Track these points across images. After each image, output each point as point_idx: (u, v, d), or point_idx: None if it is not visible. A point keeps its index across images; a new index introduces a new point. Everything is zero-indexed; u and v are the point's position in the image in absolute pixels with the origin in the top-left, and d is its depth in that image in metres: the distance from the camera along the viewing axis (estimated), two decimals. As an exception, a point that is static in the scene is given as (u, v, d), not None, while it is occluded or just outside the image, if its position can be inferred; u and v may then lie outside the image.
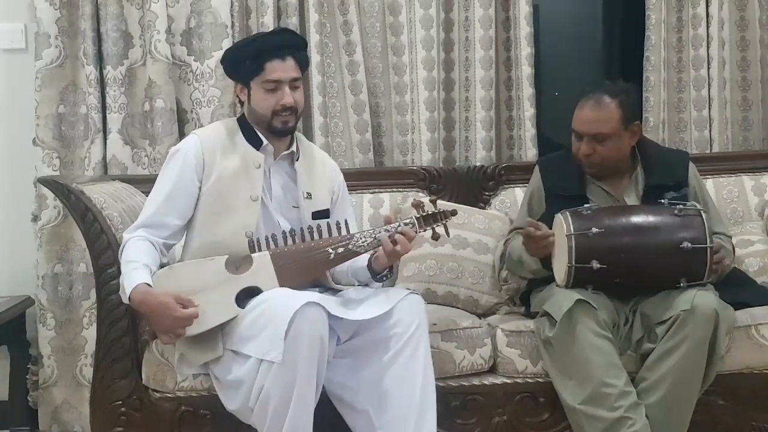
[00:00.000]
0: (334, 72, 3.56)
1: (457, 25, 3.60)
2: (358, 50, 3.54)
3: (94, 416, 2.76)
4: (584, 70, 3.92)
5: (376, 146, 3.61)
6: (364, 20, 3.58)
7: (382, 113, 3.62)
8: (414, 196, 3.22)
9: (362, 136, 3.56)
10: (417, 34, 3.53)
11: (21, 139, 3.54)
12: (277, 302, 2.43)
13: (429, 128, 3.54)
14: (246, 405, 2.45)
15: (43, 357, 3.49)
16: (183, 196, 2.67)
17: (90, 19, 3.43)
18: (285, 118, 2.67)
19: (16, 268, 3.60)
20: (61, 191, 2.86)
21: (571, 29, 3.92)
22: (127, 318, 2.73)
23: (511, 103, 3.67)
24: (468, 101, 3.62)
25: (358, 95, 3.55)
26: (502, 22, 3.63)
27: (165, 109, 3.44)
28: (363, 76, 3.54)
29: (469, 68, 3.60)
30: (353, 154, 3.56)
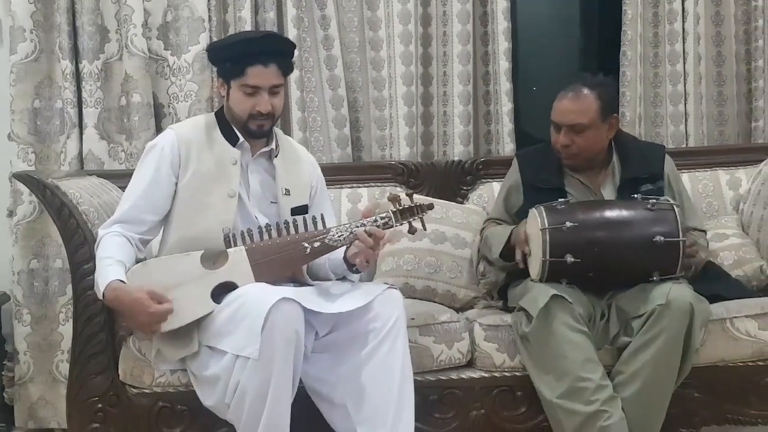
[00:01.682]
0: (312, 67, 3.56)
1: (434, 20, 3.60)
2: (336, 45, 3.53)
3: (71, 412, 2.75)
4: (562, 65, 3.93)
5: (354, 141, 3.61)
6: (342, 15, 3.57)
7: (360, 108, 3.62)
8: (392, 191, 3.22)
9: (340, 130, 3.56)
10: (395, 29, 3.52)
11: (-4, 134, 3.52)
12: (252, 298, 2.43)
13: (407, 123, 3.54)
14: (222, 401, 2.45)
15: (18, 353, 3.47)
16: (159, 192, 2.66)
17: (65, 12, 3.41)
18: (260, 123, 2.66)
19: (-9, 264, 3.58)
20: (36, 186, 2.83)
21: (548, 24, 3.93)
22: (104, 314, 2.71)
23: (489, 98, 3.68)
24: (446, 96, 3.62)
25: (336, 90, 3.55)
26: (480, 16, 3.64)
27: (142, 103, 3.42)
28: (341, 71, 3.54)
29: (447, 63, 3.60)
30: (331, 149, 3.56)
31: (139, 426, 2.70)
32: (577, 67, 3.91)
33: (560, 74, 3.80)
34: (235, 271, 2.54)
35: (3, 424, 3.52)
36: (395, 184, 3.41)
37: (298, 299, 2.41)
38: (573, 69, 3.90)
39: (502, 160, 3.41)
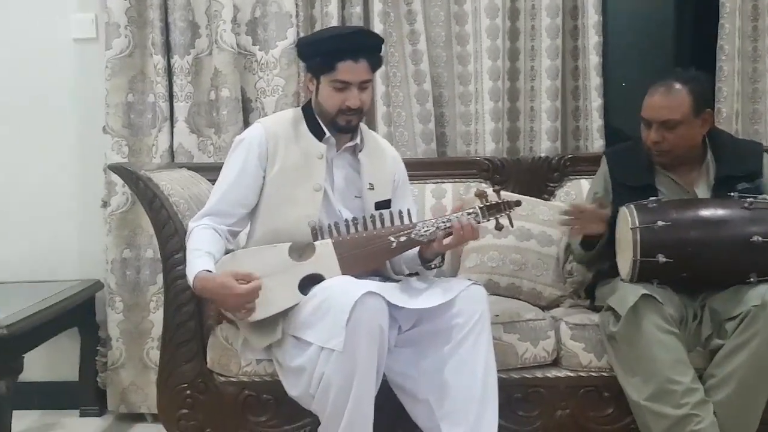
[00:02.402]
0: (397, 61, 3.56)
1: (523, 14, 3.56)
2: (422, 39, 3.53)
3: (161, 398, 2.81)
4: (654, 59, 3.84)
5: (439, 136, 3.59)
6: (429, 9, 3.56)
7: (445, 103, 3.61)
8: (477, 187, 3.20)
9: (425, 126, 3.55)
10: (482, 23, 3.50)
11: (91, 127, 3.60)
12: (338, 290, 2.44)
13: (493, 118, 3.51)
14: (307, 392, 2.47)
15: (111, 339, 3.57)
16: (247, 185, 2.70)
17: (158, 9, 3.47)
18: (349, 118, 2.68)
19: (87, 253, 3.68)
20: (130, 178, 2.90)
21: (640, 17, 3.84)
22: (193, 303, 2.76)
23: (577, 93, 3.62)
24: (533, 91, 3.58)
25: (422, 85, 3.54)
26: (570, 10, 3.58)
27: (230, 98, 3.47)
28: (427, 66, 3.53)
29: (534, 58, 3.56)
30: (416, 144, 3.56)
31: (226, 413, 2.75)
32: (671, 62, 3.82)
33: (651, 69, 3.72)
34: (322, 264, 2.56)
35: (96, 408, 3.63)
36: (480, 180, 3.39)
37: (383, 293, 2.42)
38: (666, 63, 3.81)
39: (591, 156, 3.36)
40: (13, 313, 2.97)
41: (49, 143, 3.68)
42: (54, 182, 3.70)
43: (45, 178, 3.69)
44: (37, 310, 3.07)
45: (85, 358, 3.61)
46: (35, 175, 3.69)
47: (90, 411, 3.63)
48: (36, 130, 3.68)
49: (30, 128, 3.68)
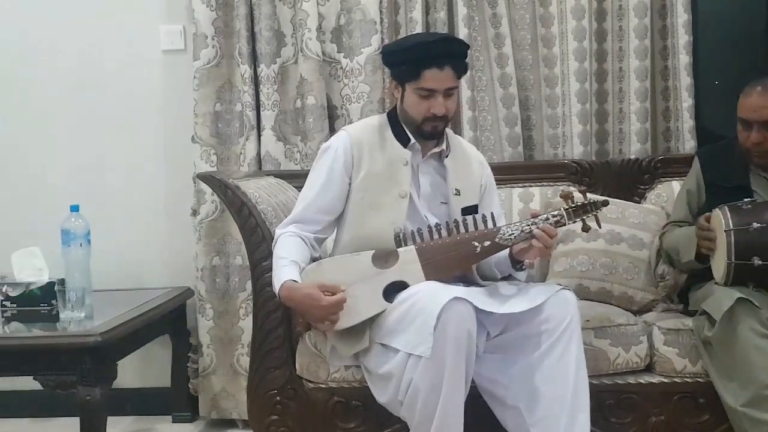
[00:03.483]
0: (482, 65, 3.54)
1: (610, 15, 3.50)
2: (507, 42, 3.49)
3: (251, 404, 2.84)
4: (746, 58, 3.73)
5: (525, 140, 3.56)
6: (514, 12, 3.53)
7: (531, 106, 3.57)
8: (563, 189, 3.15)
9: (511, 129, 3.52)
10: (568, 25, 3.45)
11: (181, 137, 3.67)
12: (424, 297, 2.43)
13: (581, 121, 3.46)
14: (395, 398, 2.47)
15: (202, 346, 3.62)
16: (333, 192, 2.71)
17: (244, 19, 3.52)
18: (434, 124, 2.66)
19: (177, 261, 3.74)
20: (218, 186, 2.94)
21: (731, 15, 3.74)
22: (282, 310, 2.78)
23: (667, 94, 3.54)
24: (622, 92, 3.51)
25: (507, 88, 3.51)
26: (658, 9, 3.51)
27: (316, 105, 3.50)
28: (512, 69, 3.50)
29: (623, 59, 3.50)
30: (502, 148, 3.53)
31: (316, 420, 2.76)
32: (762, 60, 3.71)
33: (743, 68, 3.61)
34: (406, 271, 2.55)
35: (188, 414, 3.68)
36: (568, 183, 3.34)
37: (470, 299, 2.40)
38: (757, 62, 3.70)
39: (682, 158, 3.29)
40: (107, 320, 3.03)
41: (141, 153, 3.77)
42: (145, 191, 3.78)
43: (136, 187, 3.77)
44: (130, 318, 3.12)
45: (177, 364, 3.67)
46: (127, 185, 3.78)
47: (182, 417, 3.68)
48: (127, 140, 3.77)
49: (122, 139, 3.77)
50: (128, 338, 3.08)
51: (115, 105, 3.77)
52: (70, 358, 2.86)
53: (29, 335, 3.08)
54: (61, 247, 3.28)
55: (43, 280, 3.27)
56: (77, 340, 2.88)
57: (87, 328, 2.97)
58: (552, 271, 3.13)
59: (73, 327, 3.01)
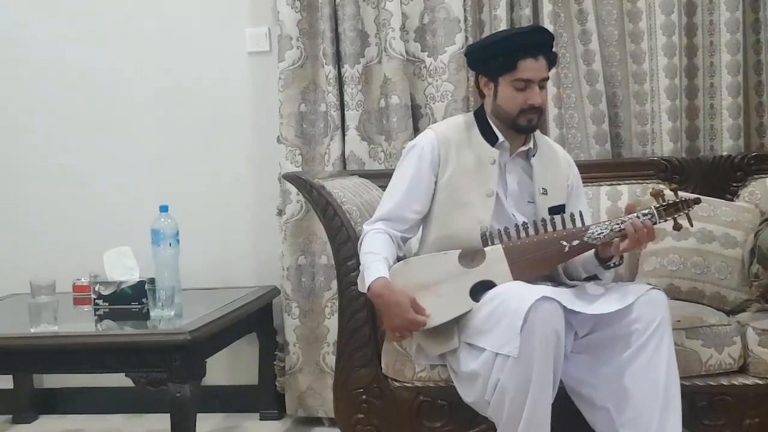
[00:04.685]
0: (568, 62, 3.49)
1: (700, 9, 3.41)
2: (593, 39, 3.44)
3: (338, 403, 2.85)
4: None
5: (613, 137, 3.49)
6: (600, 8, 3.47)
7: (619, 103, 3.50)
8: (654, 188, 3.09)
9: (599, 127, 3.46)
10: (657, 20, 3.38)
11: (266, 138, 3.71)
12: (511, 296, 2.42)
13: (670, 117, 3.39)
14: (482, 398, 2.45)
15: (288, 344, 3.64)
16: (420, 191, 2.70)
17: (328, 20, 3.53)
18: (530, 117, 2.64)
19: (264, 260, 3.79)
20: (303, 186, 2.97)
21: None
22: (367, 309, 2.79)
23: (761, 89, 3.43)
24: (713, 88, 3.42)
25: (594, 85, 3.45)
26: (750, 3, 3.41)
27: (400, 105, 3.50)
28: (599, 65, 3.44)
29: (714, 53, 3.41)
30: (589, 146, 3.47)
31: (402, 419, 2.76)
32: None
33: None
34: (493, 270, 2.54)
35: (275, 411, 3.72)
36: (657, 181, 3.26)
37: (558, 298, 2.38)
38: None
39: (777, 154, 3.20)
40: (196, 319, 3.07)
41: (227, 154, 3.82)
42: (232, 192, 3.83)
43: (223, 188, 3.83)
44: (218, 317, 3.16)
45: (264, 362, 3.71)
46: (215, 185, 3.83)
47: (269, 414, 3.72)
48: (214, 141, 3.83)
49: (208, 140, 3.83)
50: (216, 336, 3.12)
51: (202, 107, 3.83)
52: (160, 355, 2.92)
53: (121, 333, 3.15)
54: (151, 247, 3.36)
55: (133, 279, 3.34)
56: (167, 338, 2.93)
57: (176, 326, 3.02)
58: (641, 271, 3.07)
59: (163, 325, 3.07)
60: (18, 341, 3.03)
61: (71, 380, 3.82)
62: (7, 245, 3.96)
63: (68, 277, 3.53)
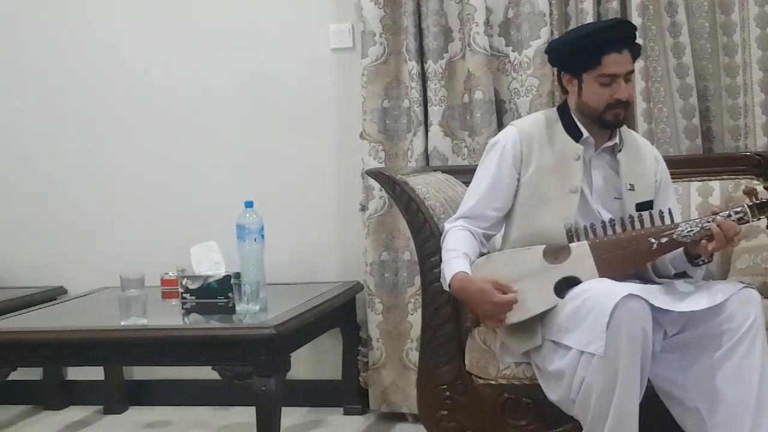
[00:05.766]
0: (657, 55, 3.41)
1: (796, -1, 3.33)
2: (683, 31, 3.36)
3: (421, 399, 2.84)
4: None
5: (704, 132, 3.41)
6: (690, 0, 3.39)
7: (710, 97, 3.42)
8: (747, 184, 3.01)
9: (689, 121, 3.38)
10: (750, 12, 3.29)
11: (349, 134, 3.73)
12: (597, 293, 2.38)
13: (765, 111, 3.30)
14: (567, 396, 2.42)
15: (372, 340, 3.66)
16: (502, 188, 2.69)
17: (412, 15, 3.53)
18: (617, 111, 2.60)
19: (347, 255, 3.81)
20: (386, 182, 2.96)
21: None
22: (450, 305, 2.77)
23: None
24: (810, 80, 3.33)
25: (684, 78, 3.37)
26: None
27: (483, 100, 3.47)
28: (690, 59, 3.36)
29: (810, 44, 3.31)
30: (679, 141, 3.39)
31: (486, 416, 2.73)
32: None
33: None
34: (578, 266, 2.50)
35: (358, 406, 3.74)
36: (751, 177, 3.16)
37: (646, 296, 2.33)
38: None
39: None
40: (281, 313, 3.10)
41: (311, 150, 3.85)
42: (315, 188, 3.86)
43: (307, 184, 3.86)
44: (302, 311, 3.19)
45: (348, 357, 3.73)
46: (299, 181, 3.87)
47: (353, 409, 3.74)
48: (298, 138, 3.86)
49: (293, 136, 3.87)
50: (301, 331, 3.15)
51: (287, 103, 3.87)
52: (246, 349, 2.95)
53: (207, 327, 3.20)
54: (237, 242, 3.41)
55: (220, 274, 3.39)
56: (252, 332, 2.97)
57: (261, 320, 3.06)
58: (734, 269, 2.99)
59: (248, 319, 3.11)
60: (108, 334, 3.10)
61: (160, 372, 3.89)
62: (99, 241, 4.06)
63: (157, 271, 3.62)
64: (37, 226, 4.11)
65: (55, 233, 4.10)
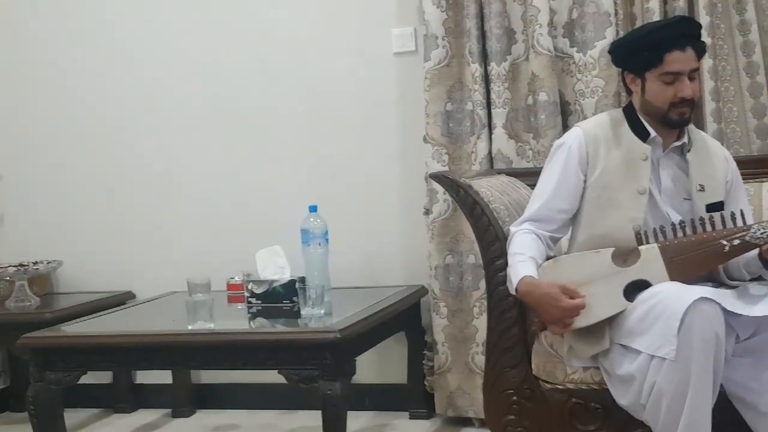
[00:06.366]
0: (726, 54, 3.34)
1: None
2: (753, 29, 3.29)
3: (487, 404, 2.82)
4: None
5: (776, 131, 3.35)
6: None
7: (781, 95, 3.35)
8: (821, 184, 2.95)
9: (760, 120, 3.31)
10: (822, 7, 3.22)
11: (413, 137, 3.72)
12: (667, 297, 2.34)
13: (838, 108, 3.22)
14: (637, 401, 2.39)
15: (437, 344, 3.64)
16: (568, 190, 2.66)
17: (474, 18, 3.52)
18: (682, 110, 2.56)
19: (411, 259, 3.80)
20: (450, 186, 2.95)
21: None
22: (516, 309, 2.75)
23: None
24: None
25: (755, 77, 3.30)
26: None
27: (548, 102, 3.44)
28: (760, 57, 3.29)
29: None
30: (750, 140, 3.32)
31: (553, 421, 2.71)
32: None
33: None
34: (648, 269, 2.46)
35: (424, 411, 3.73)
36: (827, 178, 3.11)
37: (718, 299, 2.29)
38: None
39: None
40: (346, 317, 3.11)
41: (374, 154, 3.86)
42: (379, 191, 3.86)
43: (371, 187, 3.87)
44: (367, 315, 3.19)
45: (413, 361, 3.73)
46: (363, 185, 3.88)
47: (419, 413, 3.73)
48: (362, 142, 3.88)
49: (356, 140, 3.88)
50: (366, 335, 3.15)
51: (349, 108, 3.88)
52: (311, 353, 2.96)
53: (273, 331, 3.22)
54: (301, 246, 3.43)
55: (285, 278, 3.41)
56: (318, 336, 2.98)
57: (327, 324, 3.07)
58: (808, 271, 2.92)
59: (313, 323, 3.13)
60: (176, 338, 3.14)
61: (227, 376, 3.95)
62: (166, 246, 4.13)
63: (223, 275, 3.65)
64: (108, 234, 4.19)
65: (124, 240, 4.18)
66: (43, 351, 3.19)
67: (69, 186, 4.23)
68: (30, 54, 4.24)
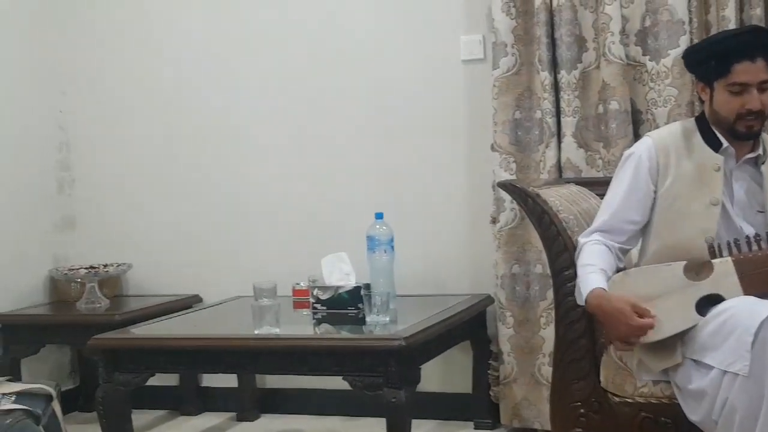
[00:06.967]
0: (805, 63, 3.27)
1: None
2: (832, 36, 3.21)
3: (554, 415, 2.79)
4: None
5: None
6: (841, 4, 3.25)
7: None
8: None
9: (838, 131, 3.23)
10: None
11: (480, 145, 3.71)
12: (741, 311, 2.29)
13: None
14: (709, 417, 2.34)
15: (503, 354, 3.62)
16: (638, 201, 2.63)
17: (544, 26, 3.48)
18: (749, 123, 2.51)
19: (477, 268, 3.78)
20: (518, 194, 2.93)
21: None
22: (584, 320, 2.71)
23: None
24: None
25: (834, 86, 3.22)
26: None
27: (619, 110, 3.39)
28: (840, 65, 3.21)
29: None
30: (829, 152, 3.24)
31: (622, 435, 2.68)
32: None
33: None
34: (721, 283, 2.41)
35: (489, 421, 3.70)
36: None
37: (793, 315, 2.23)
38: None
39: None
40: (411, 325, 3.10)
41: (442, 162, 3.85)
42: (446, 199, 3.85)
43: (438, 195, 3.86)
44: (432, 323, 3.18)
45: (478, 371, 3.70)
46: (429, 193, 3.87)
47: (483, 424, 3.70)
48: (429, 149, 3.86)
49: (424, 148, 3.87)
50: (431, 343, 3.14)
51: (417, 115, 3.87)
52: (376, 360, 2.95)
53: (339, 337, 3.22)
54: (367, 253, 3.44)
55: (350, 285, 3.40)
56: (382, 344, 2.97)
57: (392, 332, 3.06)
58: None
59: (378, 330, 3.13)
60: (242, 342, 3.17)
61: (292, 381, 3.96)
62: (233, 251, 4.16)
63: (289, 281, 3.68)
64: (177, 239, 4.25)
65: (192, 244, 4.23)
66: (113, 352, 3.25)
67: (140, 192, 4.31)
68: (107, 63, 4.32)
